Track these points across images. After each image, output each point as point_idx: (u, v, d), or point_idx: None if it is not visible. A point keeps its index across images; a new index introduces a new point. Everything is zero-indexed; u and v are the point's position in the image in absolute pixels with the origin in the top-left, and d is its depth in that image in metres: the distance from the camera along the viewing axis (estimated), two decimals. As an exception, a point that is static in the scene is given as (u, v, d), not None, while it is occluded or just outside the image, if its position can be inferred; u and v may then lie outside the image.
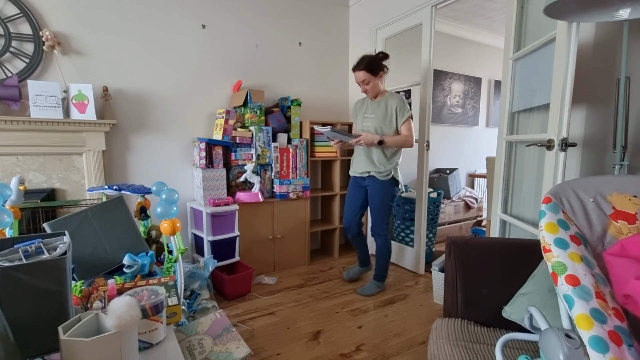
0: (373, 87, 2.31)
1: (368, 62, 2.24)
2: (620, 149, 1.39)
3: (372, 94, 2.35)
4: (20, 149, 2.17)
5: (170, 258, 1.40)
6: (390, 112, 2.30)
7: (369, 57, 2.28)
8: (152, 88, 2.64)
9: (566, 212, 0.95)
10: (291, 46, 3.24)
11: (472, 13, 4.00)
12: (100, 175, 2.39)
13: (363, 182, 2.44)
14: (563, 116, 1.46)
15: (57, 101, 2.17)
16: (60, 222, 1.27)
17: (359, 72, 2.26)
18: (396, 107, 2.29)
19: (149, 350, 0.88)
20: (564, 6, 1.31)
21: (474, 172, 4.93)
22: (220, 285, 2.42)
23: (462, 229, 4.15)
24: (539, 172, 1.75)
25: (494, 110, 4.91)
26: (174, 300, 1.01)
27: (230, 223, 2.60)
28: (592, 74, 1.67)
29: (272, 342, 1.90)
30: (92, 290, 0.97)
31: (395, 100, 2.30)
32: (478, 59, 4.69)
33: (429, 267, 2.62)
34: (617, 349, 0.68)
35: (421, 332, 2.01)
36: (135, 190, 1.76)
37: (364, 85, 2.31)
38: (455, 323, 1.29)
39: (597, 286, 0.79)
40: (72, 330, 0.69)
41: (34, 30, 2.20)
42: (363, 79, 2.27)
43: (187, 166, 2.84)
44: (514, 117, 2.01)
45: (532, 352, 1.14)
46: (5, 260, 0.78)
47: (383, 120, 2.31)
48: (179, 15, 2.69)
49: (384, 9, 3.07)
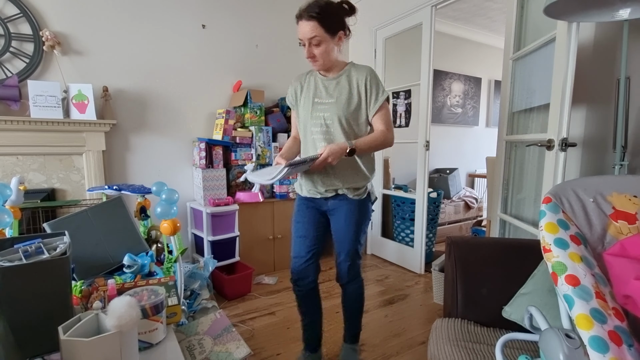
0: (325, 53, 1.40)
1: (323, 10, 1.35)
2: (620, 149, 1.39)
3: (323, 64, 1.45)
4: (20, 149, 2.17)
5: (170, 258, 1.40)
6: (358, 92, 1.46)
7: (326, 2, 1.38)
8: (152, 88, 2.64)
9: (566, 212, 0.95)
10: (291, 46, 3.24)
11: (472, 13, 4.00)
12: (100, 175, 2.39)
13: (324, 205, 1.57)
14: (563, 116, 1.46)
15: (57, 101, 2.17)
16: (60, 222, 1.27)
17: (307, 22, 1.35)
18: (366, 83, 1.44)
19: (149, 350, 0.88)
20: (564, 6, 1.31)
21: (474, 172, 4.93)
22: (220, 285, 2.42)
23: (462, 229, 4.15)
24: (539, 172, 1.75)
25: (494, 110, 4.91)
26: (174, 300, 1.01)
27: (230, 223, 2.60)
28: (592, 74, 1.67)
29: (272, 342, 1.90)
30: (92, 290, 0.97)
31: (363, 74, 1.46)
32: (478, 59, 4.69)
33: (429, 267, 2.62)
34: (617, 349, 0.68)
35: (421, 332, 2.01)
36: (135, 190, 1.76)
37: (311, 48, 1.40)
38: (455, 323, 1.29)
39: (597, 286, 0.79)
40: (72, 330, 0.69)
41: (34, 30, 2.20)
42: (312, 35, 1.36)
43: (187, 166, 2.84)
44: (514, 117, 2.01)
45: (532, 352, 1.14)
46: (5, 260, 0.78)
47: (347, 106, 1.45)
48: (179, 15, 2.69)
49: (384, 9, 3.07)
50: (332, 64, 1.49)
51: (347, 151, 1.37)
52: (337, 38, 1.43)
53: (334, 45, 1.44)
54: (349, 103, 1.46)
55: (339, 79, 1.50)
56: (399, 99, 3.76)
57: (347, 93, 1.47)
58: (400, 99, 3.75)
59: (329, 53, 1.42)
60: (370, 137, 1.44)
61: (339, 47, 1.47)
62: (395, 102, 3.77)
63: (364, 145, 1.41)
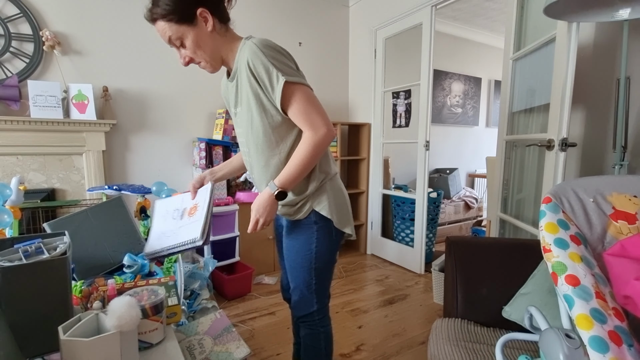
0: (198, 49, 1.03)
1: (157, 2, 0.99)
2: (620, 149, 1.39)
3: (210, 64, 1.07)
4: (20, 149, 2.17)
5: (170, 258, 1.40)
6: (252, 88, 1.01)
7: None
8: (152, 88, 2.64)
9: (566, 212, 0.95)
10: (291, 46, 3.24)
11: (472, 13, 3.99)
12: (100, 175, 2.39)
13: (279, 220, 1.29)
14: (563, 116, 1.46)
15: (57, 101, 2.17)
16: (60, 222, 1.27)
17: (156, 25, 1.03)
18: (253, 72, 0.99)
19: (149, 350, 0.88)
20: (564, 6, 1.31)
21: (474, 172, 4.93)
22: (221, 285, 2.42)
23: (462, 229, 4.15)
24: (539, 172, 1.75)
25: (494, 110, 4.91)
26: (174, 300, 1.01)
27: (230, 223, 2.60)
28: (592, 74, 1.67)
29: (272, 342, 1.90)
30: (92, 290, 0.97)
31: (244, 60, 1.00)
32: (478, 59, 4.69)
33: (429, 267, 2.62)
34: (617, 349, 0.68)
35: (421, 332, 2.01)
36: (135, 190, 1.76)
37: (180, 52, 1.07)
38: (455, 323, 1.29)
39: (597, 286, 0.79)
40: (72, 330, 0.69)
41: (34, 30, 2.20)
42: (168, 37, 1.04)
43: (187, 166, 2.84)
44: (514, 117, 2.01)
45: (532, 352, 1.14)
46: (5, 260, 0.78)
47: (250, 125, 1.07)
48: (179, 15, 2.68)
49: (384, 9, 3.07)
50: (221, 57, 1.06)
51: (275, 196, 1.02)
52: (198, 22, 1.00)
53: (203, 33, 1.01)
54: (251, 119, 1.04)
55: (235, 78, 1.06)
56: (399, 99, 3.75)
57: (246, 101, 1.04)
58: (400, 99, 3.75)
59: (202, 46, 1.02)
60: (294, 161, 1.01)
61: (212, 30, 1.02)
62: (395, 102, 3.77)
63: (291, 176, 1.01)
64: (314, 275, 1.15)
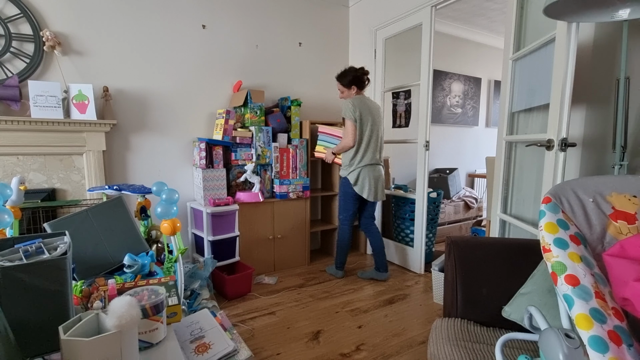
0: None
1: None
2: (619, 149, 1.40)
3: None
4: (21, 149, 2.17)
5: (170, 258, 1.41)
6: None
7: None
8: (152, 88, 2.64)
9: (566, 212, 0.95)
10: (291, 46, 3.24)
11: (472, 13, 4.00)
12: (101, 175, 2.39)
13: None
14: (563, 116, 1.46)
15: (58, 101, 2.17)
16: (60, 222, 1.27)
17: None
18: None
19: (149, 350, 0.88)
20: (564, 6, 1.31)
21: (474, 172, 4.93)
22: (221, 285, 2.42)
23: (462, 229, 4.15)
24: (538, 172, 1.75)
25: (493, 110, 4.91)
26: (174, 300, 1.02)
27: (231, 223, 2.60)
28: (592, 74, 1.67)
29: (272, 342, 1.90)
30: (93, 290, 0.97)
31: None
32: (478, 59, 4.69)
33: (429, 267, 2.62)
34: (616, 349, 0.68)
35: (421, 332, 2.01)
36: (135, 190, 1.76)
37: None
38: (455, 323, 1.29)
39: (597, 286, 0.79)
40: (72, 330, 0.70)
41: (35, 30, 2.20)
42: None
43: (187, 166, 2.84)
44: (513, 117, 2.01)
45: (532, 352, 1.14)
46: (6, 260, 0.79)
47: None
48: (179, 16, 2.69)
49: (384, 9, 3.07)
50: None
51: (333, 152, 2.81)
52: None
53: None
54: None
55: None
56: (399, 99, 3.76)
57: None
58: (400, 99, 3.75)
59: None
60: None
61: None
62: (395, 102, 3.77)
63: (335, 148, 2.76)
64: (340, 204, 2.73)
